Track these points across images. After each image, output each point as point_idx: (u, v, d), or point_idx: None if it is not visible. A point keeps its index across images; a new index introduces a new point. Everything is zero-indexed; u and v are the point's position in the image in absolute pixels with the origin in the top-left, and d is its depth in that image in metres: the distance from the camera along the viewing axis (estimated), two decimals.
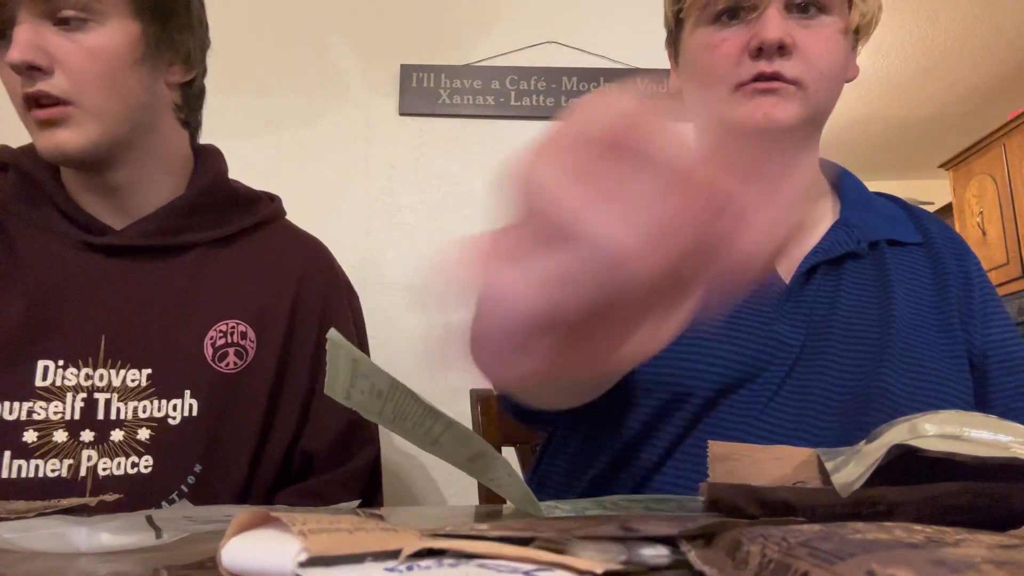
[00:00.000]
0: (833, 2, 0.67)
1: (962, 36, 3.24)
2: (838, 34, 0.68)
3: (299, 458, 0.83)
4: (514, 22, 1.45)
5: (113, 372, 0.75)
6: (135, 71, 0.76)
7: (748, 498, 0.35)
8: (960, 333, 0.71)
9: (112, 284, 0.78)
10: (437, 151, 1.42)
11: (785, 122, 0.66)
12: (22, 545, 0.34)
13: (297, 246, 0.91)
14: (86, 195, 0.81)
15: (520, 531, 0.26)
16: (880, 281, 0.71)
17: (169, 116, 0.84)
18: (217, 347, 0.79)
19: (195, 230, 0.83)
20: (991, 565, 0.18)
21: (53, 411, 0.73)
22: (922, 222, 0.78)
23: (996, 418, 0.35)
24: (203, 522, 0.41)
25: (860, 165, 4.68)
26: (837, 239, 0.72)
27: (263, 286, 0.84)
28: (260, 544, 0.23)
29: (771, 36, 0.64)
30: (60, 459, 0.72)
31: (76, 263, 0.78)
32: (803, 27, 0.66)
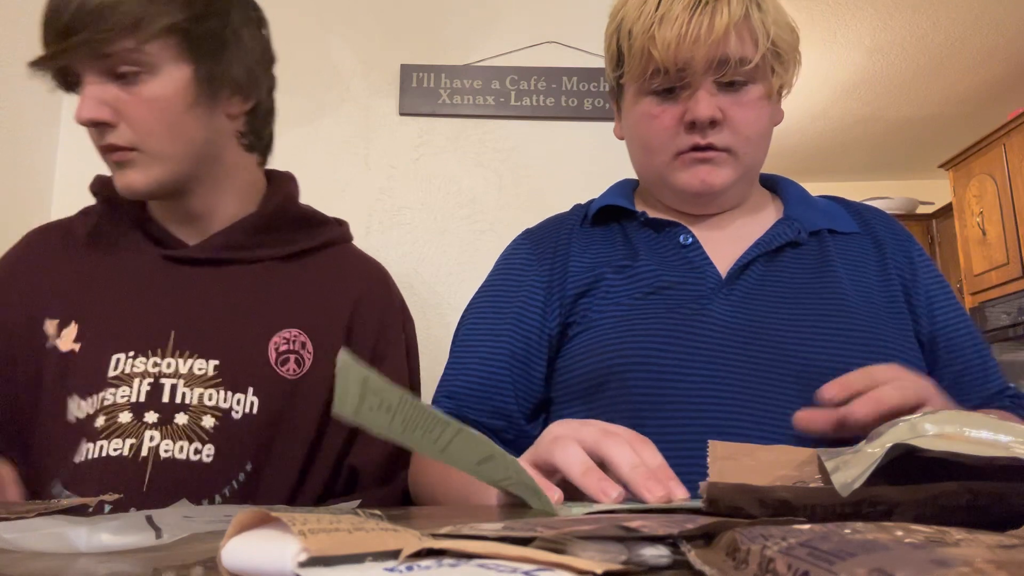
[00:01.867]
0: (756, 73, 0.74)
1: (962, 36, 3.24)
2: (763, 100, 0.76)
3: (345, 473, 0.85)
4: (514, 22, 1.45)
5: (180, 361, 0.78)
6: (191, 112, 0.79)
7: (748, 498, 0.35)
8: (907, 314, 0.77)
9: (183, 288, 0.83)
10: (437, 151, 1.42)
11: (720, 186, 0.76)
12: (22, 545, 0.34)
13: (358, 268, 0.94)
14: (168, 219, 0.88)
15: (520, 531, 0.26)
16: (822, 265, 0.77)
17: (232, 145, 0.87)
18: (280, 352, 0.82)
19: (263, 247, 0.87)
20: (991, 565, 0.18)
21: (120, 395, 0.76)
22: (861, 215, 0.85)
23: (996, 418, 0.35)
24: (203, 522, 0.41)
25: (860, 165, 4.69)
26: (778, 232, 0.79)
27: (324, 302, 0.87)
28: (260, 544, 0.23)
29: (702, 115, 0.73)
30: (123, 439, 0.74)
31: (152, 271, 0.83)
32: (731, 99, 0.74)
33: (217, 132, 0.84)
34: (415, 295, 1.37)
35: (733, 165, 0.76)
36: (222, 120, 0.84)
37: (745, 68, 0.73)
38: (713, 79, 0.73)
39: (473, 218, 1.40)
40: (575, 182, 1.37)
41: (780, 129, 3.63)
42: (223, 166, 0.86)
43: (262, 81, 0.89)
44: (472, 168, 1.42)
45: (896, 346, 0.72)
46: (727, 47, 0.71)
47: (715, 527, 0.26)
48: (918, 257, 0.81)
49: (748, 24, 0.72)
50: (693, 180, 0.76)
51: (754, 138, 0.76)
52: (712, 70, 0.72)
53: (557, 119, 1.41)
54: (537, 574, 0.21)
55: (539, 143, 1.42)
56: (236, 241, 0.86)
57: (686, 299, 0.74)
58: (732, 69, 0.72)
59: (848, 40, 3.24)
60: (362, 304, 0.90)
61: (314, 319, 0.85)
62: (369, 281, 0.94)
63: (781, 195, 0.87)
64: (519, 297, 0.82)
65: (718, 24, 0.70)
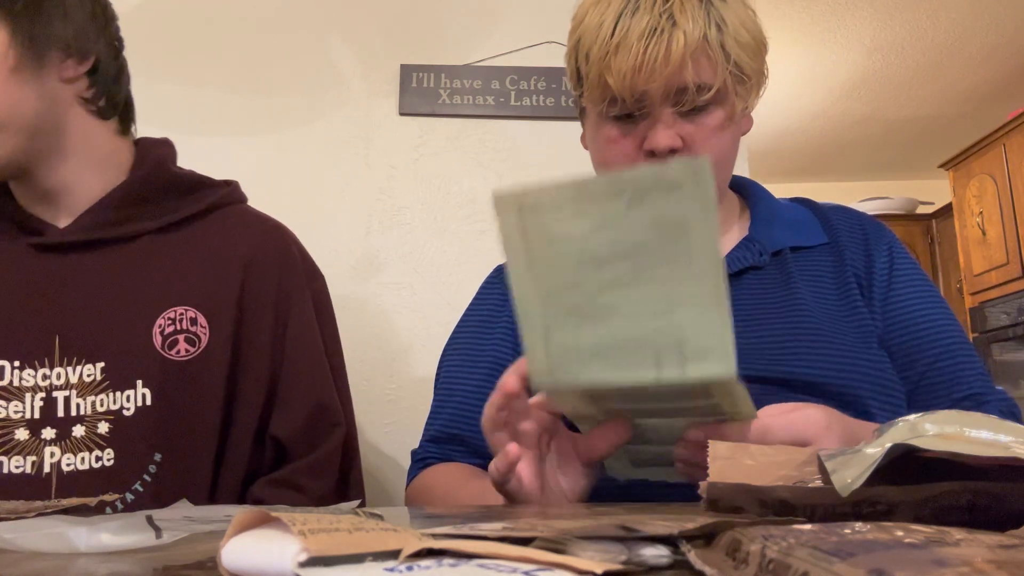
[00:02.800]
0: (717, 97, 0.71)
1: (962, 36, 3.23)
2: (724, 122, 0.73)
3: (271, 445, 0.82)
4: (514, 22, 1.45)
5: (70, 369, 0.76)
6: (15, 79, 0.74)
7: (748, 498, 0.35)
8: (866, 315, 0.75)
9: (62, 282, 0.79)
10: (437, 151, 1.42)
11: None
12: (22, 545, 0.34)
13: (248, 228, 0.87)
14: (29, 201, 0.82)
15: (520, 531, 0.26)
16: (784, 284, 0.77)
17: (77, 112, 0.80)
18: (166, 335, 0.78)
19: (138, 220, 0.82)
20: (991, 565, 0.18)
21: (13, 410, 0.74)
22: (829, 220, 0.84)
23: (996, 418, 0.35)
24: (203, 522, 0.41)
25: (860, 165, 4.68)
26: (739, 256, 0.79)
27: (211, 270, 0.82)
28: (260, 544, 0.23)
29: (661, 145, 0.71)
30: (24, 456, 0.73)
31: (25, 265, 0.79)
32: (692, 126, 0.72)
33: (53, 99, 0.77)
34: (415, 295, 1.37)
35: None
36: (56, 85, 0.77)
37: (705, 96, 0.70)
38: (672, 108, 0.71)
39: (473, 218, 1.40)
40: None
41: (780, 129, 3.61)
42: (69, 136, 0.79)
43: (98, 38, 0.81)
44: (472, 168, 1.42)
45: (860, 358, 0.71)
46: (684, 76, 0.69)
47: (715, 527, 0.26)
48: (881, 254, 0.79)
49: (706, 49, 0.69)
50: None
51: (718, 160, 0.74)
52: (670, 100, 0.70)
53: (557, 119, 1.41)
54: (537, 574, 0.21)
55: (539, 143, 1.42)
56: (106, 218, 0.80)
57: None
58: (691, 97, 0.70)
59: (848, 40, 3.24)
60: (254, 265, 0.84)
61: (203, 291, 0.80)
62: (260, 239, 0.87)
63: (750, 207, 0.85)
64: (495, 336, 0.83)
65: (674, 53, 0.67)
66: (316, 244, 1.38)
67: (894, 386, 0.72)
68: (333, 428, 0.85)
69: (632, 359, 0.47)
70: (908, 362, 0.74)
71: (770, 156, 4.37)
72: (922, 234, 4.52)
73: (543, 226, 0.45)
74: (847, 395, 0.69)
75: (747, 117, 0.81)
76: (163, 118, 1.37)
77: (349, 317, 1.36)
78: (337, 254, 1.38)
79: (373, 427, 1.33)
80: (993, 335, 3.57)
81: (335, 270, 1.37)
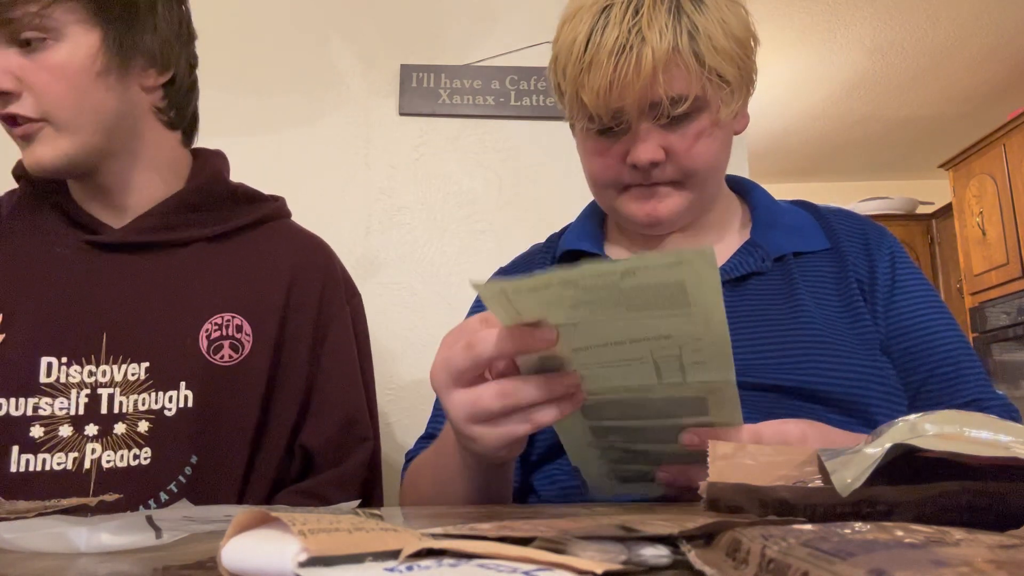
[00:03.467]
0: (700, 102, 0.70)
1: (962, 36, 3.23)
2: (710, 128, 0.72)
3: (299, 453, 0.84)
4: (514, 22, 1.45)
5: (115, 367, 0.77)
6: (102, 81, 0.77)
7: (748, 498, 0.35)
8: (869, 322, 0.75)
9: (112, 281, 0.80)
10: (437, 151, 1.42)
11: (667, 217, 0.75)
12: (22, 545, 0.34)
13: (294, 242, 0.91)
14: (87, 199, 0.84)
15: (520, 531, 0.26)
16: (787, 290, 0.76)
17: (150, 120, 0.84)
18: (212, 339, 0.80)
19: (191, 227, 0.84)
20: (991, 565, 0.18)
21: (59, 407, 0.75)
22: (830, 224, 0.83)
23: (996, 418, 0.35)
24: (203, 522, 0.41)
25: (860, 165, 4.69)
26: (741, 260, 0.78)
27: (258, 279, 0.85)
28: (260, 544, 0.23)
29: (642, 159, 0.71)
30: (66, 453, 0.74)
31: (77, 263, 0.81)
32: (675, 135, 0.71)
33: (131, 104, 0.81)
34: (415, 295, 1.37)
35: (682, 195, 0.75)
36: (136, 92, 0.81)
37: (681, 107, 0.69)
38: (649, 121, 0.71)
39: (473, 218, 1.40)
40: (575, 182, 1.37)
41: (780, 129, 3.61)
42: (140, 141, 0.83)
43: (179, 54, 0.85)
44: (472, 168, 1.42)
45: (863, 364, 0.71)
46: (656, 90, 0.68)
47: (715, 527, 0.26)
48: (883, 259, 0.79)
49: (677, 60, 0.67)
50: (640, 213, 0.76)
51: (702, 169, 0.74)
52: (646, 114, 0.70)
53: (557, 119, 1.41)
54: (537, 574, 0.21)
55: (539, 143, 1.42)
56: (161, 222, 0.83)
57: None
58: (666, 110, 0.69)
59: (848, 40, 3.24)
60: (299, 279, 0.87)
61: (249, 300, 0.83)
62: (306, 254, 0.90)
63: (751, 210, 0.85)
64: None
65: (644, 68, 0.66)
66: None
67: (897, 392, 0.72)
68: (362, 442, 0.87)
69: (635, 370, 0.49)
70: (910, 367, 0.74)
71: (770, 156, 4.38)
72: (922, 234, 4.52)
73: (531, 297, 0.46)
74: (852, 402, 0.69)
75: (742, 116, 0.79)
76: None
77: None
78: (337, 254, 1.38)
79: None
80: (993, 335, 3.57)
81: None
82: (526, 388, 0.50)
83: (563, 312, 0.46)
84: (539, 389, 0.50)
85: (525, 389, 0.50)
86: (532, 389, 0.50)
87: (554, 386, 0.50)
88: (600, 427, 0.56)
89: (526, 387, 0.50)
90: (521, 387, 0.50)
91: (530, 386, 0.50)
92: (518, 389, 0.50)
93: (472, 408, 0.52)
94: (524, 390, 0.50)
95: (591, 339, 0.48)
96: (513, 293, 0.45)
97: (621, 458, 0.59)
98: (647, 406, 0.53)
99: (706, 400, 0.51)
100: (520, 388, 0.50)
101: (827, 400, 0.68)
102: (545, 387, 0.50)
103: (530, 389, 0.50)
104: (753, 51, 0.74)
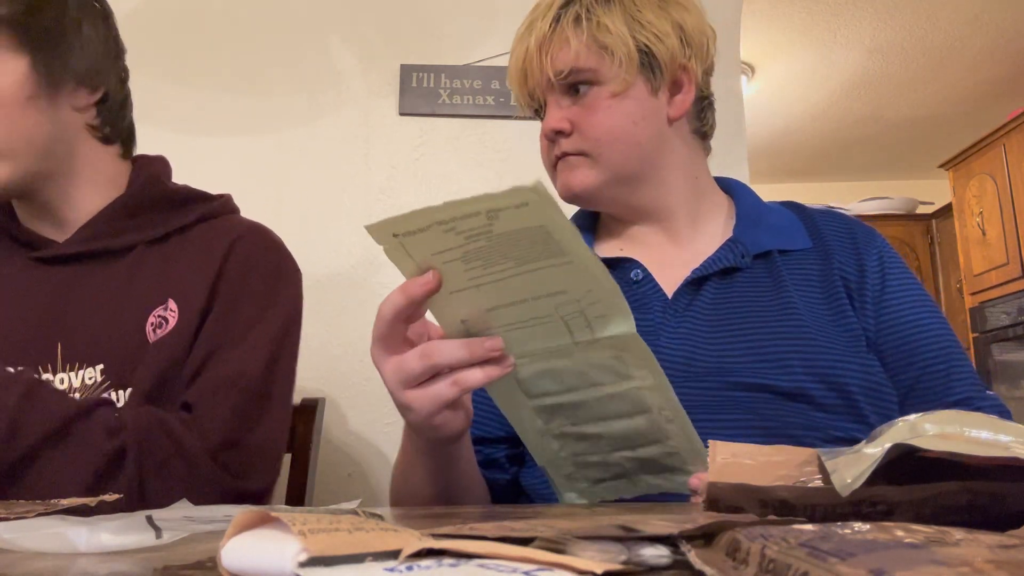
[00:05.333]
0: (600, 73, 0.77)
1: (962, 36, 3.23)
2: (609, 100, 0.77)
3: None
4: (514, 22, 1.43)
5: (72, 374, 0.78)
6: (32, 106, 0.78)
7: (748, 498, 0.35)
8: (854, 319, 0.76)
9: (60, 292, 0.82)
10: (437, 151, 1.42)
11: (581, 187, 0.80)
12: (22, 545, 0.34)
13: (230, 230, 0.88)
14: (30, 218, 0.87)
15: (520, 531, 0.26)
16: (775, 287, 0.77)
17: (85, 137, 0.85)
18: (154, 328, 0.81)
19: (131, 232, 0.86)
20: (991, 565, 0.18)
21: None
22: (816, 224, 0.84)
23: (996, 418, 0.35)
24: (203, 522, 0.41)
25: (860, 165, 4.69)
26: (720, 256, 0.79)
27: (191, 265, 0.85)
28: (260, 544, 0.23)
29: (546, 128, 0.81)
30: None
31: (26, 279, 0.83)
32: (578, 107, 0.79)
33: (64, 126, 0.82)
34: None
35: (591, 166, 0.79)
36: (68, 113, 0.82)
37: (566, 77, 0.77)
38: (557, 93, 0.79)
39: None
40: None
41: (780, 129, 3.61)
42: (76, 160, 0.84)
43: (109, 72, 0.86)
44: (472, 168, 1.42)
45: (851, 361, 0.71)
46: (545, 64, 0.78)
47: (715, 527, 0.26)
48: (872, 259, 0.79)
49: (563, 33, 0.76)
50: (559, 186, 0.82)
51: (605, 139, 0.78)
52: (548, 88, 0.79)
53: None
54: (537, 574, 0.21)
55: (538, 143, 1.42)
56: (101, 230, 0.84)
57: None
58: (566, 76, 0.77)
59: (848, 40, 3.24)
60: (231, 256, 0.85)
61: (181, 282, 0.83)
62: (239, 233, 0.88)
63: (737, 208, 0.86)
64: None
65: (532, 46, 0.78)
66: (316, 244, 1.38)
67: (886, 390, 0.73)
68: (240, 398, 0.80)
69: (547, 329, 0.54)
70: (901, 367, 0.75)
71: (770, 156, 4.38)
72: (922, 234, 4.52)
73: (420, 243, 0.51)
74: (840, 399, 0.69)
75: (675, 102, 0.80)
76: (163, 118, 1.37)
77: (349, 317, 1.36)
78: (337, 254, 1.38)
79: (373, 427, 1.33)
80: (993, 335, 3.56)
81: (335, 270, 1.37)
82: (446, 348, 0.53)
83: (459, 267, 0.51)
84: (460, 349, 0.53)
85: (445, 349, 0.53)
86: (452, 349, 0.53)
87: (475, 348, 0.53)
88: (543, 406, 0.60)
89: (445, 347, 0.53)
90: (440, 347, 0.53)
91: (450, 346, 0.53)
92: (438, 349, 0.53)
93: (399, 372, 0.55)
94: (444, 349, 0.53)
95: (497, 299, 0.53)
96: (404, 237, 0.51)
97: (581, 450, 0.61)
98: (577, 375, 0.57)
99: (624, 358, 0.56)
100: (439, 348, 0.53)
101: (812, 397, 0.69)
102: (466, 348, 0.53)
103: (450, 349, 0.53)
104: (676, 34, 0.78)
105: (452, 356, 0.53)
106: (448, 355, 0.53)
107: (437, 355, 0.53)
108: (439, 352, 0.53)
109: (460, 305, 0.54)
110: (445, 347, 0.53)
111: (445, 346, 0.53)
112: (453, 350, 0.53)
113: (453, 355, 0.53)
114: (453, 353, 0.53)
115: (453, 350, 0.53)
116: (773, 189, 4.68)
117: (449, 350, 0.53)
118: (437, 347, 0.54)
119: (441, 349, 0.53)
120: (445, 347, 0.53)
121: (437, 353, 0.53)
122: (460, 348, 0.53)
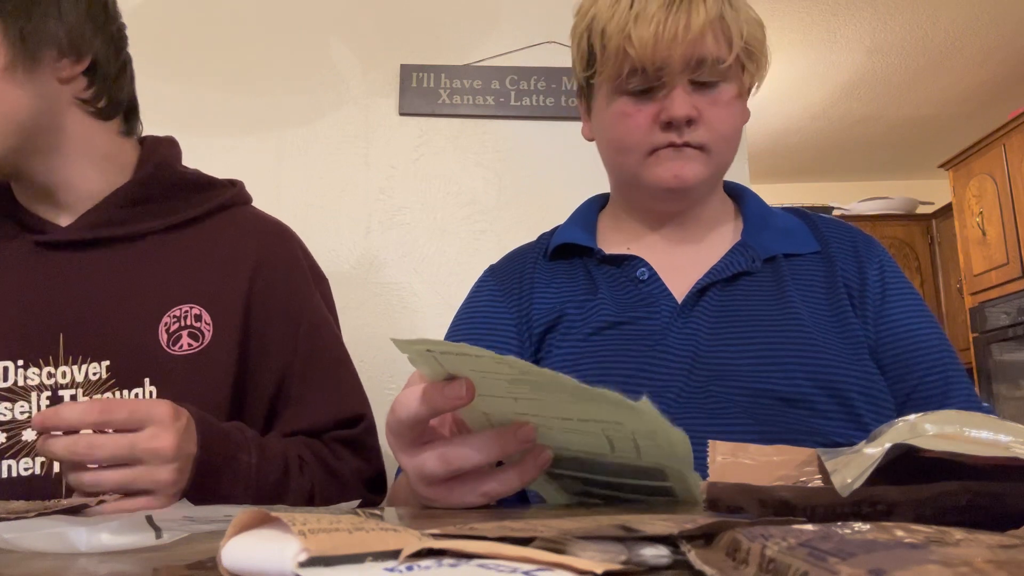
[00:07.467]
0: (729, 72, 0.75)
1: (962, 36, 3.23)
2: (735, 99, 0.77)
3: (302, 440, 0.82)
4: (514, 22, 1.45)
5: (75, 368, 0.75)
6: (8, 79, 0.73)
7: (748, 498, 0.35)
8: (857, 325, 0.76)
9: (65, 280, 0.78)
10: (437, 151, 1.42)
11: (692, 181, 0.76)
12: (22, 545, 0.34)
13: (255, 229, 0.87)
14: (31, 200, 0.82)
15: (520, 531, 0.26)
16: (778, 292, 0.77)
17: (74, 112, 0.79)
18: (171, 332, 0.78)
19: (143, 219, 0.82)
20: (991, 565, 0.18)
21: (19, 411, 0.73)
22: (820, 230, 0.84)
23: (996, 418, 0.35)
24: (203, 522, 0.41)
25: (860, 165, 4.69)
26: (732, 260, 0.79)
27: (217, 269, 0.82)
28: (260, 544, 0.23)
29: (679, 113, 0.73)
30: (32, 458, 0.72)
31: (28, 264, 0.79)
32: (706, 98, 0.75)
33: (48, 99, 0.76)
34: (415, 295, 1.37)
35: (706, 162, 0.77)
36: (52, 85, 0.76)
37: (720, 67, 0.73)
38: (689, 78, 0.74)
39: (473, 218, 1.40)
40: (575, 182, 1.37)
41: (780, 129, 3.61)
42: (67, 136, 0.79)
43: (94, 38, 0.79)
44: (472, 168, 1.42)
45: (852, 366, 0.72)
46: (704, 46, 0.72)
47: (715, 527, 0.26)
48: (873, 268, 0.80)
49: (723, 24, 0.73)
50: (667, 174, 0.76)
51: (728, 136, 0.77)
52: (689, 69, 0.73)
53: (557, 119, 1.41)
54: (537, 574, 0.21)
55: (539, 143, 1.42)
56: (110, 217, 0.80)
57: (641, 335, 0.75)
58: (708, 68, 0.73)
59: (848, 40, 3.24)
60: (263, 266, 0.84)
61: (209, 289, 0.80)
62: (268, 240, 0.87)
63: (744, 211, 0.86)
64: (492, 341, 0.82)
65: (695, 23, 0.70)
66: (316, 244, 1.38)
67: (884, 396, 0.73)
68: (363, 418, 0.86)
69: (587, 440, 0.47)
70: (899, 375, 0.75)
71: (770, 156, 4.37)
72: (922, 234, 4.52)
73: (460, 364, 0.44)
74: (841, 405, 0.69)
75: (746, 108, 0.82)
76: (163, 117, 1.36)
77: (349, 317, 1.36)
78: (337, 254, 1.38)
79: None
80: (993, 335, 3.57)
81: (335, 270, 1.37)
82: (469, 454, 0.48)
83: (502, 386, 0.44)
84: (486, 452, 0.47)
85: (468, 455, 0.47)
86: (476, 455, 0.47)
87: (506, 442, 0.47)
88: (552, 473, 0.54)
89: (469, 452, 0.48)
90: (462, 453, 0.48)
91: (473, 451, 0.47)
92: (459, 456, 0.48)
93: (417, 471, 0.49)
94: (466, 456, 0.48)
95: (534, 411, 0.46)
96: (441, 356, 0.43)
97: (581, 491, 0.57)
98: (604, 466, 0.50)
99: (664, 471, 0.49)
100: (461, 455, 0.48)
101: (813, 403, 0.69)
102: (496, 445, 0.47)
103: (473, 455, 0.47)
104: (765, 36, 0.79)
105: (473, 460, 0.48)
106: (472, 461, 0.48)
107: (459, 461, 0.48)
108: (460, 458, 0.48)
109: (488, 406, 0.47)
110: (468, 453, 0.47)
111: (468, 451, 0.47)
112: (476, 456, 0.47)
113: (474, 459, 0.48)
114: (473, 457, 0.47)
115: (476, 456, 0.47)
116: (773, 189, 4.68)
117: (472, 457, 0.47)
118: (458, 454, 0.48)
119: (463, 455, 0.48)
120: (468, 453, 0.47)
121: (458, 459, 0.48)
122: (486, 449, 0.47)
